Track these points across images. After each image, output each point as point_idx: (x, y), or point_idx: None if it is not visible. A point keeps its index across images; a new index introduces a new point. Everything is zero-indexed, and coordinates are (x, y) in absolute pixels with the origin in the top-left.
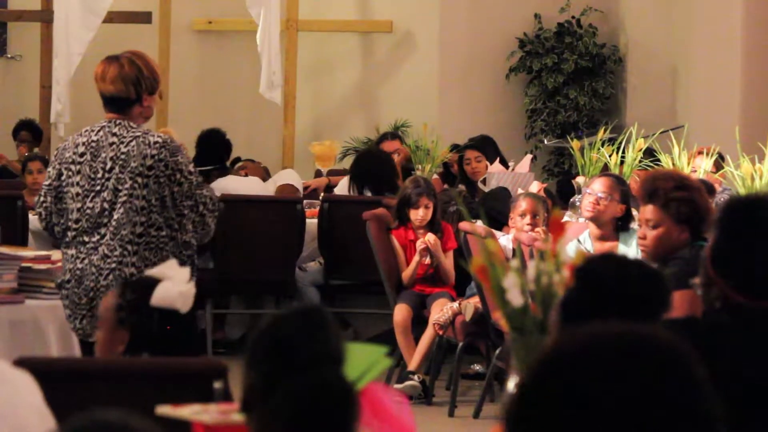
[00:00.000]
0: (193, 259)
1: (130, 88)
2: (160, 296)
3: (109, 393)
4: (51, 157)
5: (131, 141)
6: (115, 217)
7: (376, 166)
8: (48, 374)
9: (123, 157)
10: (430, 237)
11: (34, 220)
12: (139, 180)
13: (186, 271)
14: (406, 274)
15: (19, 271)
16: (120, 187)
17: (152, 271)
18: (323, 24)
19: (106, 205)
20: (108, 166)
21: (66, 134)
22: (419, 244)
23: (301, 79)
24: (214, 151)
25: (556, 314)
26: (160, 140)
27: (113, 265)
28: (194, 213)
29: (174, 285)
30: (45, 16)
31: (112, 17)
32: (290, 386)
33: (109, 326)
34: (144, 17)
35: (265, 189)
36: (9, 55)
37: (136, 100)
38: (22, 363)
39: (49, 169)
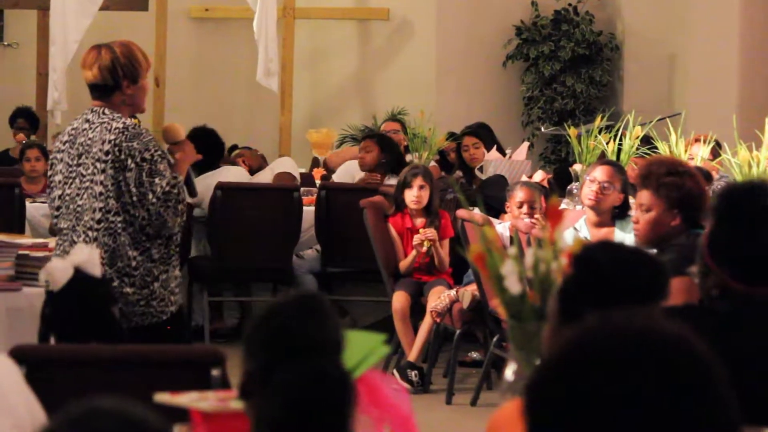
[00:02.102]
0: (170, 248)
1: (106, 74)
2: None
3: (107, 381)
4: (48, 144)
5: (97, 127)
6: (79, 203)
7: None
8: (45, 362)
9: (88, 143)
10: (431, 233)
11: (31, 208)
12: (98, 165)
13: (81, 251)
14: (404, 264)
15: (16, 259)
16: (84, 173)
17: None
18: (320, 11)
19: (75, 191)
20: (79, 152)
21: (63, 122)
22: (416, 240)
23: (298, 66)
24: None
25: (554, 302)
26: (121, 126)
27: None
28: (145, 201)
29: (50, 263)
30: (42, 4)
31: (109, 4)
32: (286, 374)
33: None
34: (141, 4)
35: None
36: (6, 43)
37: (115, 87)
38: (19, 350)
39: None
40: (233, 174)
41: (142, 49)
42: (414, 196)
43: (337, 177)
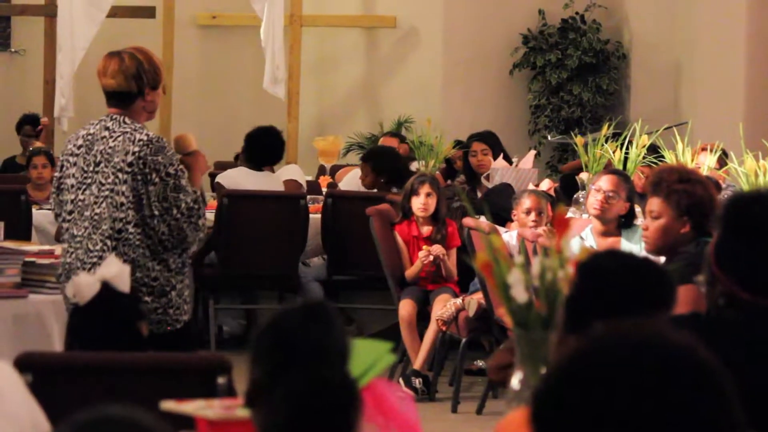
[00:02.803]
0: (184, 258)
1: (131, 82)
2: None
3: (113, 388)
4: (55, 151)
5: (119, 136)
6: (97, 211)
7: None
8: (52, 369)
9: (109, 151)
10: (438, 249)
11: (37, 215)
12: (120, 176)
13: (111, 266)
14: (410, 272)
15: (23, 266)
16: (104, 182)
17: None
18: (327, 19)
19: (92, 199)
20: (97, 160)
21: (69, 129)
22: (423, 255)
23: (304, 74)
24: (267, 151)
25: (561, 310)
26: (145, 138)
27: (95, 260)
28: (168, 216)
29: (78, 278)
30: (49, 11)
31: (116, 12)
32: (290, 382)
33: None
34: (148, 12)
35: (278, 183)
36: (13, 50)
37: (138, 94)
38: (25, 358)
39: (57, 162)
40: (256, 179)
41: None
42: (421, 203)
43: (343, 186)
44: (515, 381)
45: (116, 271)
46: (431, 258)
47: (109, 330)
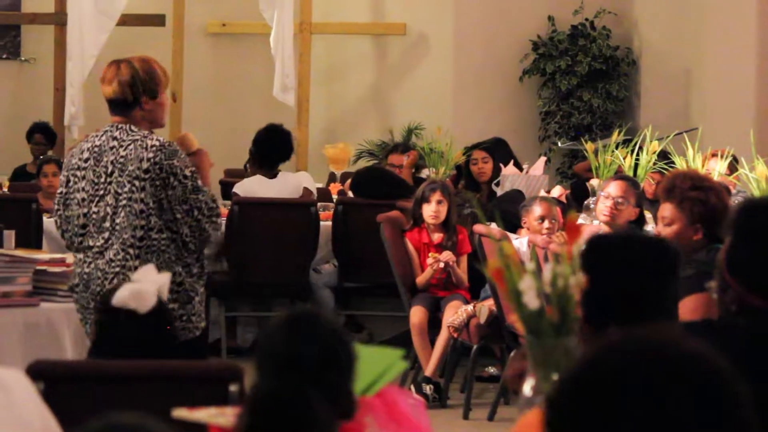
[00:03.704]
0: (202, 263)
1: (126, 90)
2: (117, 297)
3: (125, 396)
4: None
5: (129, 144)
6: (117, 221)
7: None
8: (64, 377)
9: (122, 160)
10: (447, 256)
11: (48, 223)
12: (137, 183)
13: (157, 276)
14: (421, 279)
15: (34, 274)
16: (120, 191)
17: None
18: (337, 27)
19: (109, 210)
20: (109, 170)
21: (80, 137)
22: (432, 262)
23: (314, 81)
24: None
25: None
26: (157, 143)
27: (117, 269)
28: (190, 217)
29: (133, 285)
30: (58, 19)
31: (126, 20)
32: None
33: None
34: (158, 20)
35: (297, 189)
36: (23, 58)
37: (135, 102)
38: (37, 366)
39: (61, 177)
40: (270, 186)
41: (161, 65)
42: (432, 211)
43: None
44: (527, 388)
45: (163, 279)
46: (441, 265)
47: (147, 337)
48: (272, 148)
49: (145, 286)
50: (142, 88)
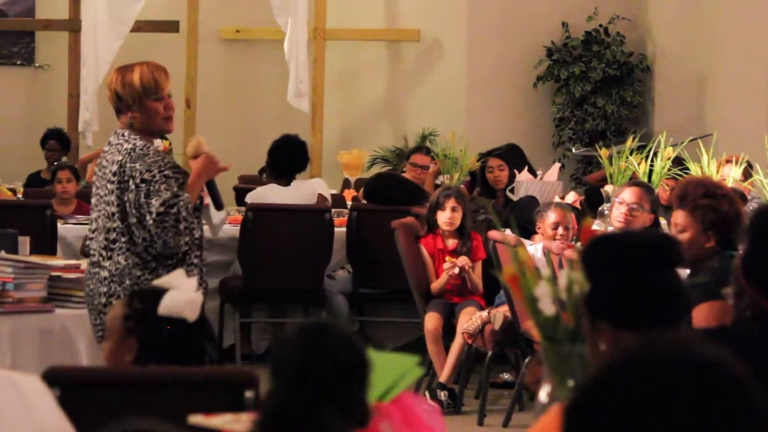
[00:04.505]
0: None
1: (114, 97)
2: (167, 305)
3: (141, 402)
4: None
5: (113, 148)
6: (101, 224)
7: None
8: (79, 383)
9: (104, 164)
10: (463, 261)
11: (62, 229)
12: (109, 186)
13: (192, 281)
14: (436, 286)
15: (49, 280)
16: (101, 194)
17: (159, 281)
18: (351, 33)
19: (98, 213)
20: (98, 175)
21: (94, 143)
22: (447, 266)
23: (328, 87)
24: (293, 160)
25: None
26: (130, 146)
27: (95, 270)
28: (141, 222)
29: (181, 294)
30: (73, 26)
31: (140, 26)
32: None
33: (116, 336)
34: (172, 26)
35: (311, 196)
36: (37, 65)
37: (121, 111)
38: (53, 372)
39: None
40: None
41: (159, 70)
42: (446, 218)
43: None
44: (543, 394)
45: (194, 285)
46: (456, 270)
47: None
48: (288, 159)
49: (194, 295)
50: (123, 96)
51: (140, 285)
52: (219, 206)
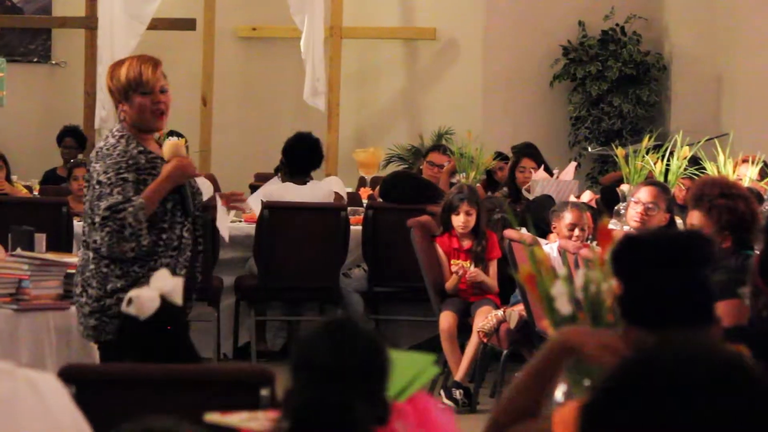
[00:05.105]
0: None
1: (108, 91)
2: (123, 304)
3: (156, 400)
4: None
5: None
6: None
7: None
8: (96, 381)
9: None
10: (475, 275)
11: (78, 227)
12: (85, 185)
13: (163, 280)
14: (448, 285)
15: (65, 278)
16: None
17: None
18: (367, 31)
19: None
20: None
21: None
22: (455, 268)
23: (344, 86)
24: (307, 158)
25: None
26: (100, 145)
27: (79, 269)
28: (93, 224)
29: (132, 292)
30: (89, 23)
31: (157, 24)
32: (294, 399)
33: None
34: (188, 24)
35: (327, 196)
36: (53, 62)
37: (116, 105)
38: (69, 370)
39: None
40: (299, 192)
41: (147, 64)
42: (461, 222)
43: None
44: (559, 393)
45: (172, 285)
46: (463, 275)
47: (166, 343)
48: (303, 157)
49: (145, 292)
50: (111, 92)
51: (98, 276)
52: (186, 212)
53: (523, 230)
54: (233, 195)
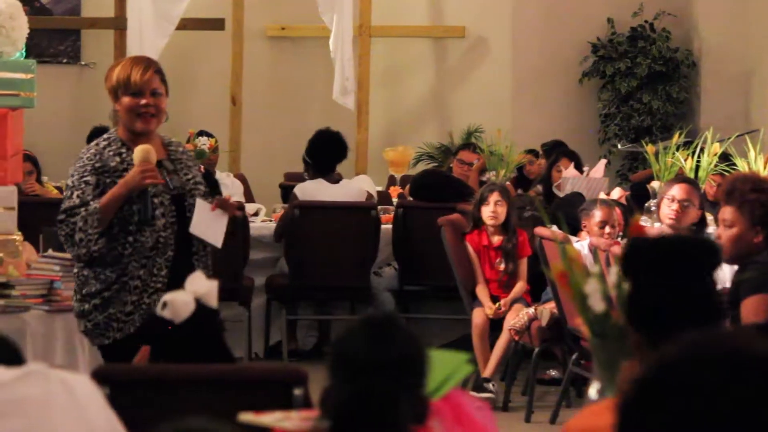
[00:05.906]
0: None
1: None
2: (157, 308)
3: (190, 401)
4: None
5: None
6: None
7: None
8: (128, 383)
9: None
10: (516, 320)
11: None
12: None
13: (198, 282)
14: (479, 292)
15: None
16: None
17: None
18: (396, 30)
19: None
20: None
21: None
22: (489, 312)
23: (374, 84)
24: (332, 153)
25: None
26: (83, 150)
27: (75, 272)
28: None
29: (166, 296)
30: (118, 24)
31: (186, 24)
32: (337, 394)
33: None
34: (217, 24)
35: (359, 195)
36: (83, 63)
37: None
38: (103, 371)
39: None
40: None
41: (138, 65)
42: (490, 211)
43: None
44: (592, 390)
45: (206, 287)
46: (501, 265)
47: (201, 346)
48: (327, 152)
49: (180, 296)
50: (110, 89)
51: (78, 279)
52: (146, 218)
53: (554, 228)
54: (223, 201)
